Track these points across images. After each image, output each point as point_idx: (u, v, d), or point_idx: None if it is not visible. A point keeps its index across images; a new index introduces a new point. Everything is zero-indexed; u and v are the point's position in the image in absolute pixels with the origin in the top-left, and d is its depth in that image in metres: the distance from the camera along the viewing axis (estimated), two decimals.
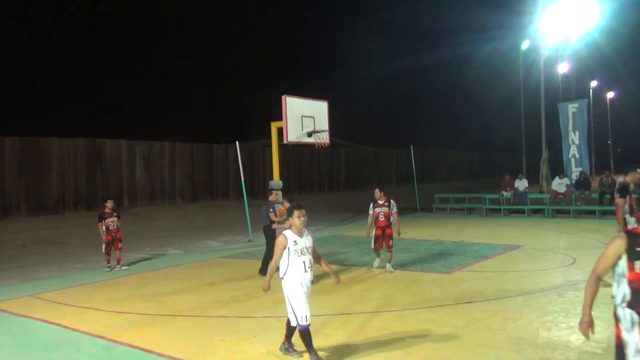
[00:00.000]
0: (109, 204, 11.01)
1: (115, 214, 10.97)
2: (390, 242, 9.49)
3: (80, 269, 11.36)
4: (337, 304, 7.33)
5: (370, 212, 9.59)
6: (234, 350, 5.62)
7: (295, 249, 5.07)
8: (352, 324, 6.36)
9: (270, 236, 9.64)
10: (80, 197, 19.28)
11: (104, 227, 10.75)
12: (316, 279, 8.94)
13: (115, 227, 10.87)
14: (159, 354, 5.58)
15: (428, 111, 58.22)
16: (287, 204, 8.80)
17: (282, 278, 5.18)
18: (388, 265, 9.56)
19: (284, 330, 5.40)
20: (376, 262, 9.85)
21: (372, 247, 9.72)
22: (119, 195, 20.11)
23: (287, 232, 5.19)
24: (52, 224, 17.11)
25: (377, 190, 9.64)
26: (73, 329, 6.67)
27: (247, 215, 15.69)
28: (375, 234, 9.53)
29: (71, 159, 19.15)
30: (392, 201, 9.53)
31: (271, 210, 10.05)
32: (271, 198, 10.46)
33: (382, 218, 9.47)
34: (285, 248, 5.10)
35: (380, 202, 9.54)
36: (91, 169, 19.65)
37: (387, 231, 9.46)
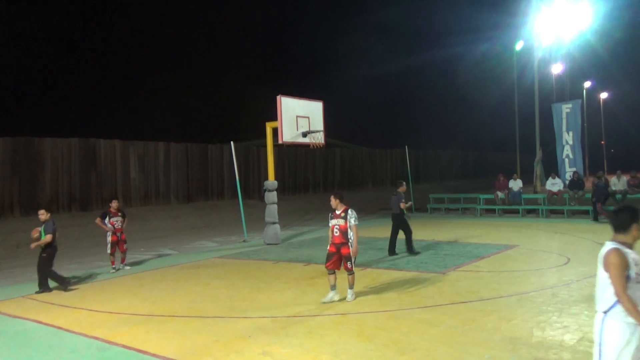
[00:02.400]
0: (114, 203, 11.06)
1: (120, 214, 10.98)
2: (349, 265, 7.46)
3: (74, 270, 11.30)
4: (331, 304, 7.33)
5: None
6: (229, 350, 5.62)
7: (638, 272, 3.42)
8: (347, 324, 6.36)
9: (397, 223, 11.23)
10: (74, 198, 19.19)
11: (109, 225, 10.75)
12: (311, 279, 8.94)
13: (120, 226, 10.88)
14: (154, 355, 5.56)
15: (423, 111, 58.41)
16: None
17: (606, 314, 3.69)
18: (349, 292, 7.60)
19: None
20: (329, 295, 7.53)
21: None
22: (113, 195, 20.03)
23: (622, 248, 3.52)
24: None
25: (332, 197, 7.67)
26: (67, 330, 6.64)
27: (242, 215, 15.67)
28: (328, 251, 7.61)
29: (65, 159, 19.05)
30: (349, 211, 7.48)
31: (402, 200, 11.16)
32: (401, 189, 11.37)
33: (336, 233, 7.49)
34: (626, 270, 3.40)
35: (337, 212, 7.58)
36: (85, 169, 19.56)
37: (343, 250, 7.45)
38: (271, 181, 14.41)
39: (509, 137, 34.53)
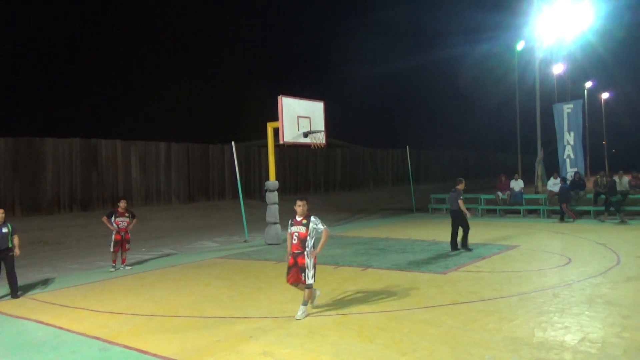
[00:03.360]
0: (122, 203, 11.12)
1: (127, 214, 11.04)
2: (302, 277, 6.72)
3: (76, 270, 11.32)
4: (333, 304, 7.33)
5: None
6: (230, 351, 5.62)
7: None
8: (348, 324, 6.36)
9: (456, 219, 11.63)
10: (76, 198, 19.20)
11: (114, 225, 10.79)
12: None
13: (124, 226, 10.93)
14: (155, 355, 5.56)
15: (424, 111, 58.40)
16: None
17: None
18: (301, 308, 6.74)
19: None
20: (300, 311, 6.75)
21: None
22: (115, 195, 20.03)
23: None
24: (46, 225, 17.04)
25: (302, 203, 6.94)
26: (68, 330, 6.64)
27: (243, 215, 15.67)
28: (288, 263, 6.92)
29: (66, 159, 19.07)
30: (312, 218, 6.75)
31: (461, 197, 11.58)
32: (460, 186, 11.80)
33: (294, 240, 6.79)
34: None
35: (298, 218, 6.87)
36: (86, 169, 19.58)
37: (299, 260, 6.75)
38: (272, 181, 14.41)
39: (510, 137, 34.55)
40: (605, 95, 48.67)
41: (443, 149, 46.46)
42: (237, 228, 17.51)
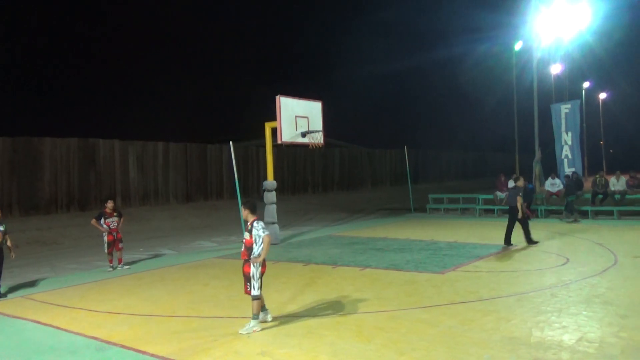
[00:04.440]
0: (110, 204, 11.07)
1: (115, 214, 11.03)
2: (248, 287, 6.32)
3: (73, 270, 11.30)
4: (331, 305, 7.33)
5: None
6: (228, 350, 5.61)
7: None
8: (346, 324, 6.36)
9: (514, 216, 11.86)
10: (73, 198, 19.17)
11: (104, 226, 10.78)
12: (310, 279, 8.96)
13: (115, 226, 10.92)
14: (152, 355, 5.56)
15: (422, 111, 58.44)
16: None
17: None
18: (250, 322, 6.26)
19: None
20: (250, 324, 6.25)
21: None
22: (112, 195, 20.01)
23: None
24: (44, 225, 17.01)
25: (242, 208, 6.83)
26: (66, 330, 6.63)
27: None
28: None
29: (64, 159, 19.04)
30: (255, 224, 6.41)
31: (520, 194, 11.83)
32: (519, 184, 12.24)
33: (242, 248, 6.52)
34: None
35: (248, 224, 6.55)
36: (84, 169, 19.54)
37: (245, 269, 6.36)
38: (270, 181, 14.41)
39: (509, 137, 34.56)
40: (603, 96, 48.76)
41: (441, 149, 46.50)
42: (235, 228, 17.49)
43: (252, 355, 5.44)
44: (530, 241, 12.14)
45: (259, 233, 6.31)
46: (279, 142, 13.72)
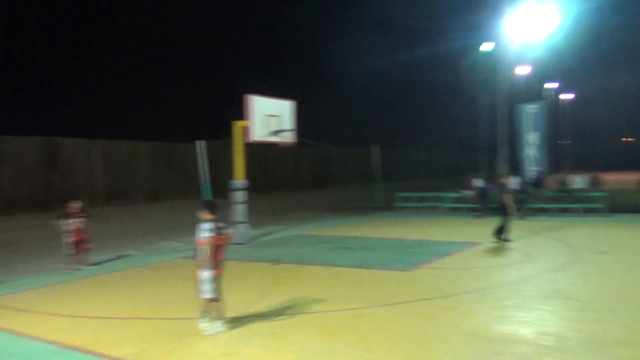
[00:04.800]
0: (74, 204, 10.80)
1: (82, 214, 10.78)
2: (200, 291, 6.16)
3: (35, 272, 10.96)
4: (297, 304, 7.32)
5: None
6: (192, 352, 5.55)
7: None
8: (312, 323, 6.36)
9: (504, 211, 12.40)
10: (36, 198, 18.65)
11: (68, 227, 10.51)
12: (278, 278, 8.92)
13: (78, 227, 10.66)
14: (115, 358, 5.44)
15: (394, 111, 58.88)
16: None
17: None
18: (215, 324, 6.14)
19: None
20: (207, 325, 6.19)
21: None
22: (78, 196, 19.54)
23: None
24: (5, 226, 16.48)
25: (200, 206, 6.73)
26: (24, 335, 6.42)
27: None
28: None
29: (26, 158, 18.50)
30: (204, 224, 6.53)
31: (506, 191, 12.84)
32: (504, 181, 13.71)
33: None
34: None
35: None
36: (47, 168, 19.04)
37: (195, 272, 6.42)
38: (239, 180, 14.31)
39: (479, 137, 35.20)
40: (568, 96, 50.17)
41: (413, 149, 47.05)
42: None
43: (217, 356, 5.39)
44: (499, 237, 12.15)
45: (201, 234, 6.15)
46: (249, 140, 13.64)
